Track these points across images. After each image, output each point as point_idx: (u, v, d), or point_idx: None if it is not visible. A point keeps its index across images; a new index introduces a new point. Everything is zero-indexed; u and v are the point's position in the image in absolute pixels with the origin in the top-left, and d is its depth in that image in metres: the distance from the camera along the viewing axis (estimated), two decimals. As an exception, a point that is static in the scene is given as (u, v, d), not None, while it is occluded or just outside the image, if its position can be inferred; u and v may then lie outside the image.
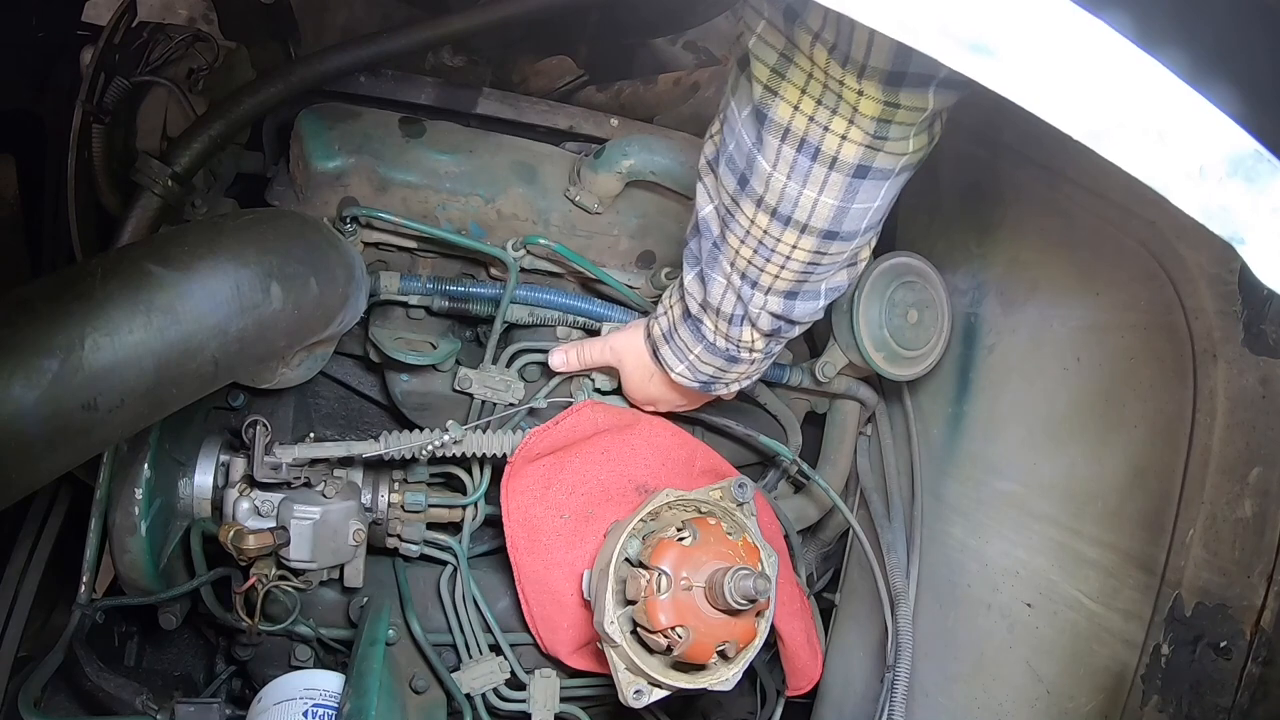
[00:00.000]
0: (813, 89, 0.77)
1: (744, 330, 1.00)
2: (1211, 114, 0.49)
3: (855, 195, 0.83)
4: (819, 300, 0.97)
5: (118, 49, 1.25)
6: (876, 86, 0.72)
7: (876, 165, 0.80)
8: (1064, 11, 0.47)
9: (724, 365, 1.06)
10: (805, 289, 0.95)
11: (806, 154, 0.81)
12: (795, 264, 0.91)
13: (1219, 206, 0.50)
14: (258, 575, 1.11)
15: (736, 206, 0.90)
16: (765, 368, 1.12)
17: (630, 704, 1.04)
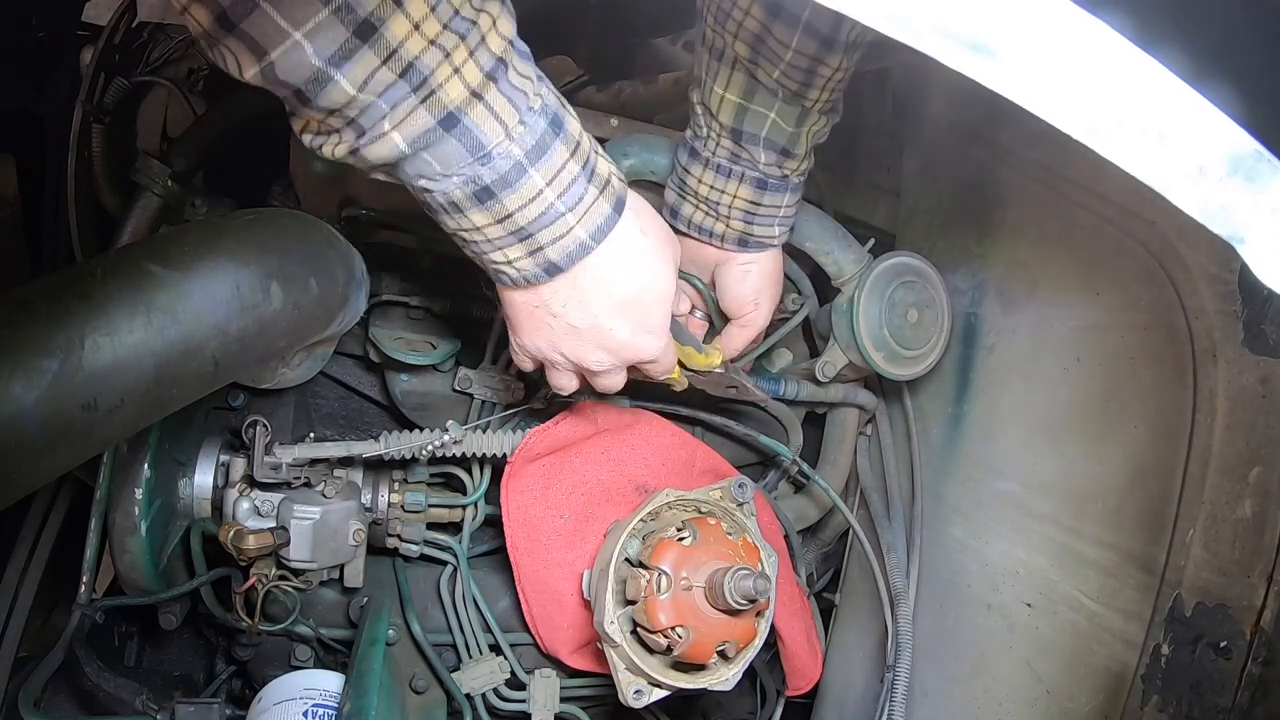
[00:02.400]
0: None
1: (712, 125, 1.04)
2: (1211, 114, 0.49)
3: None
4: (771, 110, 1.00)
5: (118, 49, 1.25)
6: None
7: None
8: (1064, 11, 0.47)
9: (754, 195, 1.06)
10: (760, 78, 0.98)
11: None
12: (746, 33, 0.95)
13: (1219, 206, 0.50)
14: (258, 575, 1.11)
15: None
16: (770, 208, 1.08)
17: (630, 704, 1.04)
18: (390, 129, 0.68)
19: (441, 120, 0.68)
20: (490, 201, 0.72)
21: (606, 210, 0.78)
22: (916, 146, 1.36)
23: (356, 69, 0.64)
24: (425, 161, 0.70)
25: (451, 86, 0.67)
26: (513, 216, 0.74)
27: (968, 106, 1.22)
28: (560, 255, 0.77)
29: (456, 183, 0.71)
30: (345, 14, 0.62)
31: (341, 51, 0.63)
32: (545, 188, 0.73)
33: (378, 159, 0.70)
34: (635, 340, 0.87)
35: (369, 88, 0.65)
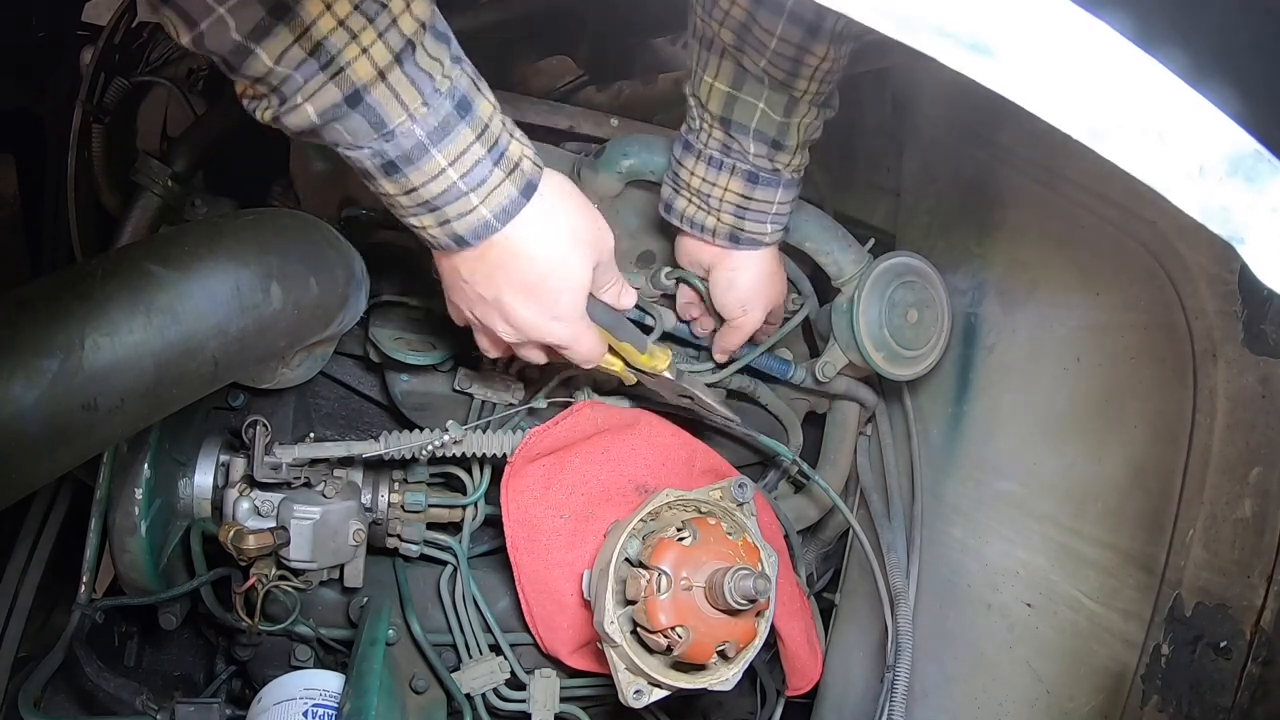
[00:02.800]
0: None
1: (704, 117, 1.04)
2: (1211, 114, 0.49)
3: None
4: (759, 99, 0.99)
5: (118, 49, 1.25)
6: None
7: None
8: (1064, 11, 0.47)
9: (745, 189, 1.06)
10: (746, 67, 0.98)
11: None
12: (733, 21, 0.94)
13: (1219, 206, 0.50)
14: (258, 575, 1.11)
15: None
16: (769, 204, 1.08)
17: (630, 704, 1.04)
18: (303, 101, 0.72)
19: (347, 97, 0.71)
20: (396, 175, 0.76)
21: (512, 193, 0.81)
22: (916, 146, 1.36)
23: (272, 44, 0.68)
24: (337, 131, 0.74)
25: (359, 65, 0.70)
26: (417, 190, 0.78)
27: (968, 106, 1.22)
28: (466, 231, 0.81)
29: (365, 154, 0.75)
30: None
31: (259, 28, 0.67)
32: (448, 167, 0.76)
33: (295, 127, 0.74)
34: (539, 323, 0.91)
35: (283, 62, 0.69)
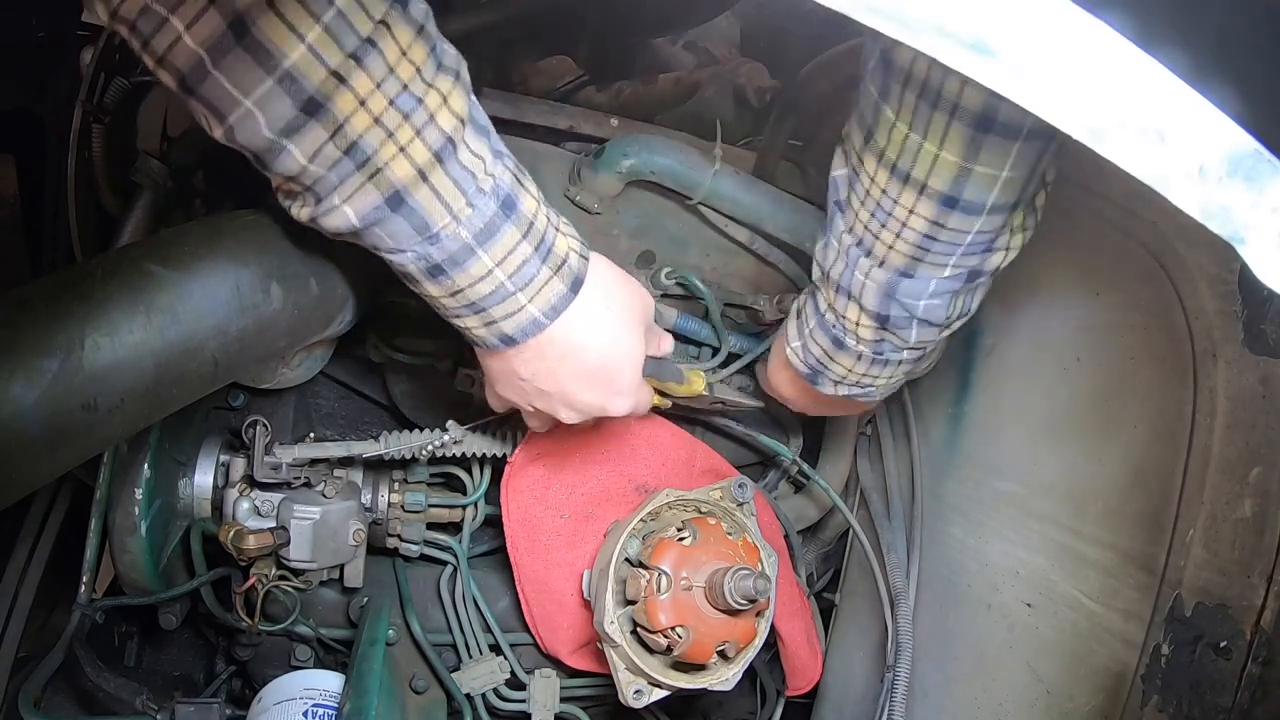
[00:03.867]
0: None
1: (849, 306, 0.96)
2: (1211, 114, 0.49)
3: (978, 154, 0.76)
4: (928, 285, 0.89)
5: (118, 49, 1.25)
6: None
7: (1001, 119, 0.73)
8: (1064, 11, 0.47)
9: (829, 348, 1.02)
10: (919, 270, 0.88)
11: (928, 100, 0.74)
12: (911, 233, 0.85)
13: (1219, 206, 0.50)
14: (258, 575, 1.11)
15: (861, 164, 0.87)
16: (882, 382, 1.04)
17: (630, 704, 1.04)
18: (340, 203, 0.69)
19: (388, 199, 0.68)
20: (441, 278, 0.73)
21: (561, 290, 0.78)
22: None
23: (305, 141, 0.65)
24: (378, 235, 0.71)
25: (398, 165, 0.67)
26: (463, 292, 0.75)
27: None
28: (515, 330, 0.78)
29: (409, 258, 0.72)
30: (290, 86, 0.63)
31: (290, 124, 0.64)
32: (495, 268, 0.74)
33: (334, 229, 0.71)
34: (604, 402, 0.89)
35: (317, 161, 0.66)
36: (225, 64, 0.62)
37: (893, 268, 0.90)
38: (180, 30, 0.61)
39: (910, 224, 0.85)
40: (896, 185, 0.83)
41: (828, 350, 1.03)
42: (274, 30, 0.61)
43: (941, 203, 0.82)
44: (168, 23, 0.61)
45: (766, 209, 1.22)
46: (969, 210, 0.82)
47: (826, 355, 1.03)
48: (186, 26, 0.61)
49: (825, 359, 1.04)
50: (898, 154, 0.81)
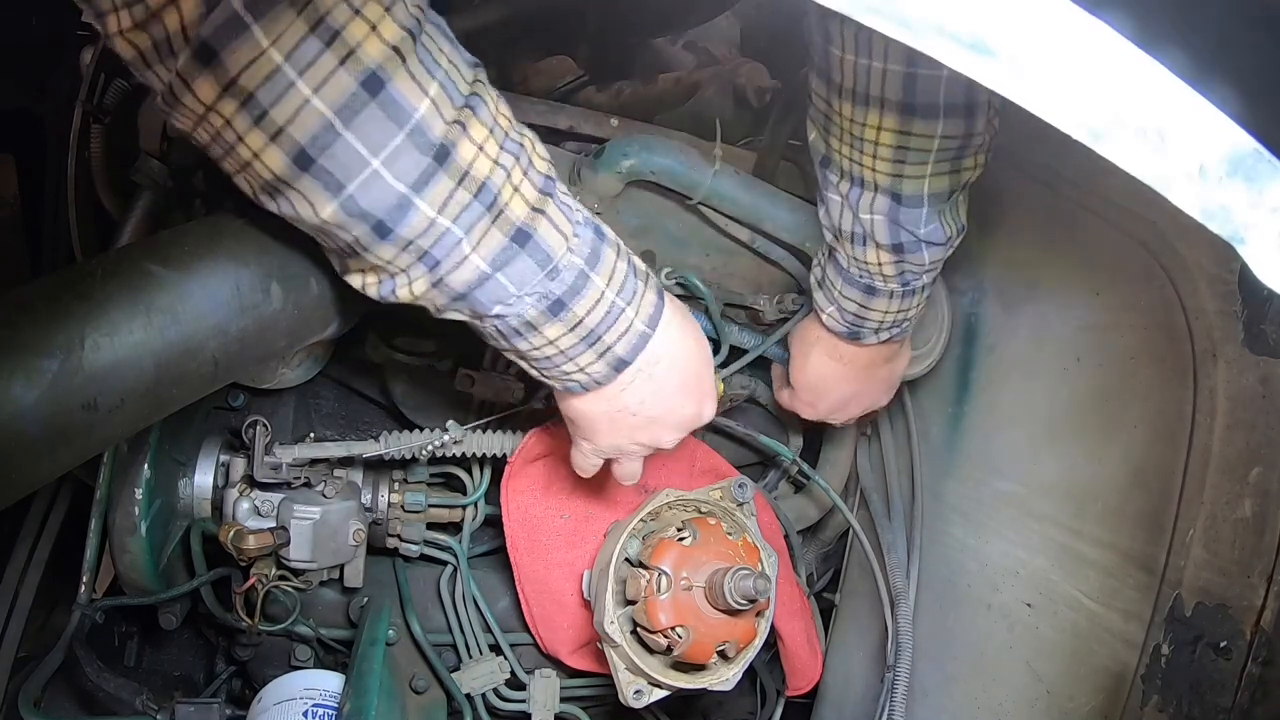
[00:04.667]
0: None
1: (868, 250, 1.03)
2: (1211, 114, 0.49)
3: (918, 60, 0.84)
4: (922, 208, 0.98)
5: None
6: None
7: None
8: (1064, 11, 0.47)
9: (863, 298, 1.08)
10: (904, 187, 0.96)
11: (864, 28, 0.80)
12: (885, 149, 0.94)
13: (1219, 206, 0.50)
14: (258, 575, 1.11)
15: (830, 107, 0.97)
16: (913, 312, 1.11)
17: (630, 704, 1.04)
18: (470, 251, 0.69)
19: (513, 236, 0.70)
20: (563, 312, 0.75)
21: (654, 298, 0.82)
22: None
23: (434, 192, 0.66)
24: (500, 284, 0.72)
25: (516, 204, 0.70)
26: (583, 321, 0.76)
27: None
28: (626, 349, 0.80)
29: (530, 301, 0.74)
30: (419, 138, 0.64)
31: (421, 176, 0.65)
32: (605, 288, 0.76)
33: (461, 284, 0.71)
34: (699, 409, 0.91)
35: (447, 209, 0.67)
36: (357, 123, 0.63)
37: (885, 189, 0.98)
38: (308, 94, 0.61)
39: (882, 140, 0.94)
40: (861, 109, 0.93)
41: (862, 301, 1.09)
42: (405, 85, 0.63)
43: (901, 111, 0.91)
44: (294, 87, 0.61)
45: (767, 209, 1.22)
46: (927, 114, 0.90)
47: (862, 306, 1.09)
48: (314, 90, 0.61)
49: (862, 310, 1.10)
50: (853, 81, 0.91)
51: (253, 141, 0.64)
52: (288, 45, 0.60)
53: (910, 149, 0.94)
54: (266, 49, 0.60)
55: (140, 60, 0.64)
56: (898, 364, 1.24)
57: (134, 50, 0.64)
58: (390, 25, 0.63)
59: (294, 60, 0.61)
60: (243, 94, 0.61)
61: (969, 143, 0.94)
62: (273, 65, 0.60)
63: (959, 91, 0.89)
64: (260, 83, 0.61)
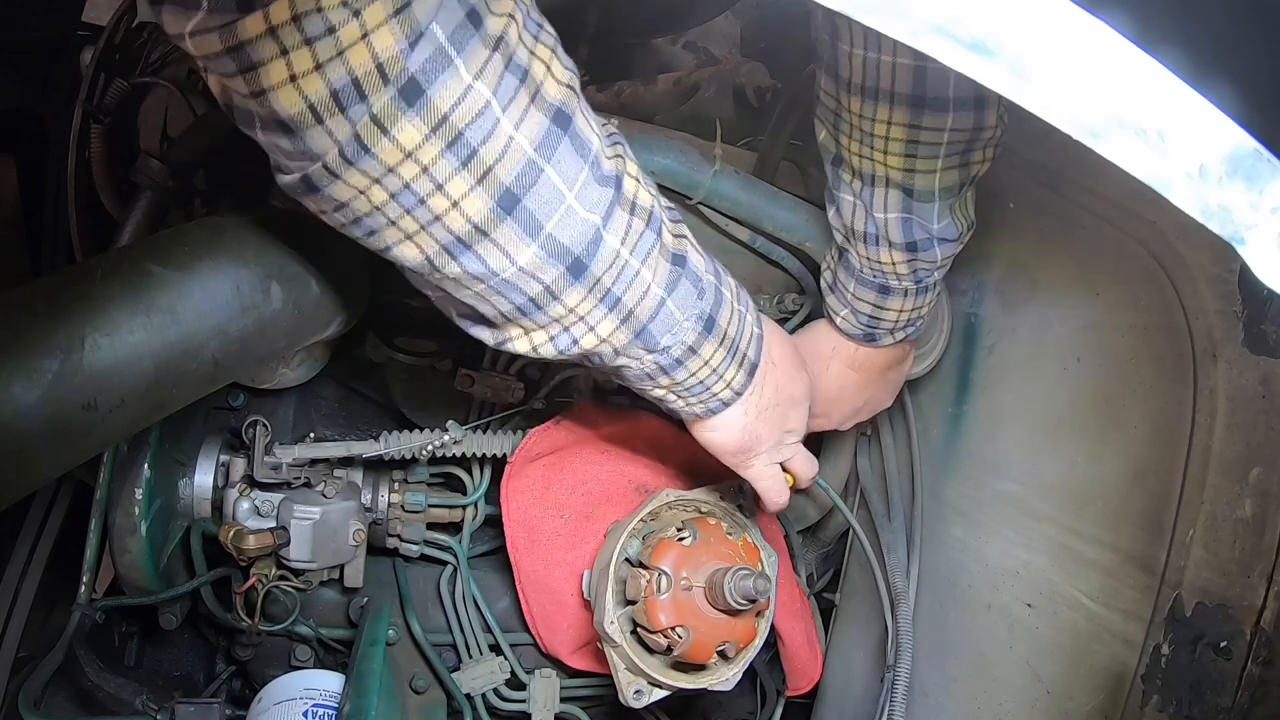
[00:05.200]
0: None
1: (881, 250, 1.03)
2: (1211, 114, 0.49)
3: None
4: (934, 203, 0.97)
5: (118, 49, 1.25)
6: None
7: None
8: (1064, 11, 0.47)
9: (877, 299, 1.07)
10: (916, 181, 0.96)
11: None
12: (896, 144, 0.93)
13: (1219, 206, 0.50)
14: (258, 575, 1.11)
15: (839, 104, 0.96)
16: (926, 308, 1.10)
17: (630, 704, 1.04)
18: (650, 280, 0.72)
19: (674, 261, 0.74)
20: (714, 328, 0.79)
21: (747, 297, 0.88)
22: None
23: (617, 223, 0.69)
24: (670, 311, 0.75)
25: (667, 231, 0.74)
26: (727, 333, 0.81)
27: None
28: (755, 351, 0.87)
29: (690, 324, 0.77)
30: (596, 170, 0.67)
31: (607, 208, 0.68)
32: (731, 298, 0.82)
33: (646, 315, 0.74)
34: (808, 382, 0.98)
35: (627, 241, 0.70)
36: (555, 159, 0.63)
37: (897, 185, 0.97)
38: (511, 131, 0.60)
39: (892, 135, 0.93)
40: (870, 104, 0.92)
41: (876, 302, 1.08)
42: (582, 122, 0.65)
43: (910, 104, 0.90)
44: (499, 124, 0.60)
45: (767, 208, 1.22)
46: (936, 107, 0.90)
47: (877, 307, 1.08)
48: (516, 127, 0.61)
49: (877, 311, 1.09)
50: (862, 76, 0.91)
51: (455, 188, 0.61)
52: (492, 81, 0.58)
53: (921, 143, 0.93)
54: (472, 84, 0.58)
55: (309, 114, 0.56)
56: (906, 365, 1.23)
57: (302, 104, 0.56)
58: (559, 66, 0.64)
59: (499, 96, 0.59)
60: (452, 133, 0.58)
61: (978, 136, 0.94)
62: (482, 101, 0.58)
63: (968, 85, 0.89)
64: (471, 120, 0.58)
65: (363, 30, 0.53)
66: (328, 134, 0.57)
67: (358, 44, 0.54)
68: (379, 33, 0.54)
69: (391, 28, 0.54)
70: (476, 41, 0.57)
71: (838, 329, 1.14)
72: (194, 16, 0.53)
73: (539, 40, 0.63)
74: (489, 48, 0.58)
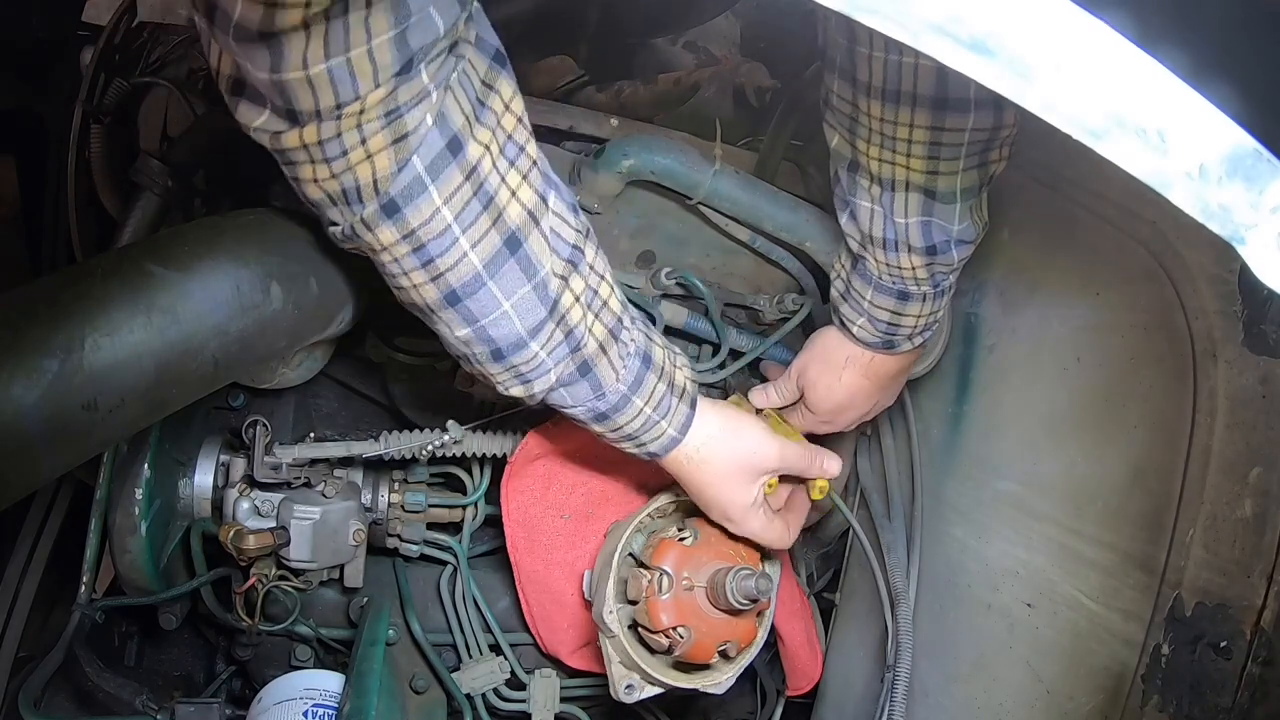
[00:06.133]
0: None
1: (901, 255, 1.02)
2: (1211, 114, 0.49)
3: None
4: (956, 204, 0.97)
5: (118, 49, 1.25)
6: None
7: None
8: (1064, 11, 0.47)
9: (896, 305, 1.06)
10: (939, 184, 0.96)
11: None
12: (919, 146, 0.93)
13: (1219, 206, 0.50)
14: (258, 575, 1.11)
15: (856, 108, 0.95)
16: (941, 311, 1.10)
17: (621, 698, 1.04)
18: (554, 378, 0.88)
19: (579, 368, 0.88)
20: (606, 421, 0.93)
21: (685, 410, 0.97)
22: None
23: (544, 336, 0.83)
24: (561, 395, 0.91)
25: (589, 343, 0.87)
26: (622, 429, 0.94)
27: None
28: (658, 447, 0.97)
29: (580, 411, 0.92)
30: (541, 291, 0.81)
31: (538, 324, 0.83)
32: (644, 406, 0.93)
33: (543, 391, 0.89)
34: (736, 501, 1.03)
35: (546, 348, 0.84)
36: (499, 275, 0.79)
37: (919, 188, 0.97)
38: (467, 249, 0.76)
39: (915, 138, 0.93)
40: (891, 108, 0.92)
41: (895, 309, 1.07)
42: (537, 245, 0.80)
43: (933, 106, 0.90)
44: (457, 243, 0.75)
45: (766, 208, 1.22)
46: (959, 108, 0.89)
47: (896, 314, 1.07)
48: (472, 246, 0.76)
49: (895, 318, 1.07)
50: (883, 79, 0.90)
51: (416, 277, 0.78)
52: (457, 207, 0.74)
53: (944, 145, 0.93)
54: (440, 208, 0.74)
55: (327, 201, 0.75)
56: (913, 367, 1.22)
57: (322, 194, 0.74)
58: (528, 190, 0.78)
59: (460, 220, 0.75)
60: (417, 243, 0.75)
61: (996, 135, 0.93)
62: (445, 224, 0.74)
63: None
64: (433, 237, 0.75)
65: (366, 154, 0.70)
66: (340, 215, 0.76)
67: (363, 163, 0.70)
68: (379, 156, 0.70)
69: (388, 153, 0.70)
70: (453, 169, 0.73)
71: (853, 337, 1.12)
72: (260, 116, 0.70)
73: (514, 165, 0.77)
74: (463, 175, 0.73)
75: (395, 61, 0.66)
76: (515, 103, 0.77)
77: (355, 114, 0.67)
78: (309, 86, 0.65)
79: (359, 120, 0.68)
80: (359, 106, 0.67)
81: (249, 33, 0.62)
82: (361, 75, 0.65)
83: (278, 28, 0.61)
